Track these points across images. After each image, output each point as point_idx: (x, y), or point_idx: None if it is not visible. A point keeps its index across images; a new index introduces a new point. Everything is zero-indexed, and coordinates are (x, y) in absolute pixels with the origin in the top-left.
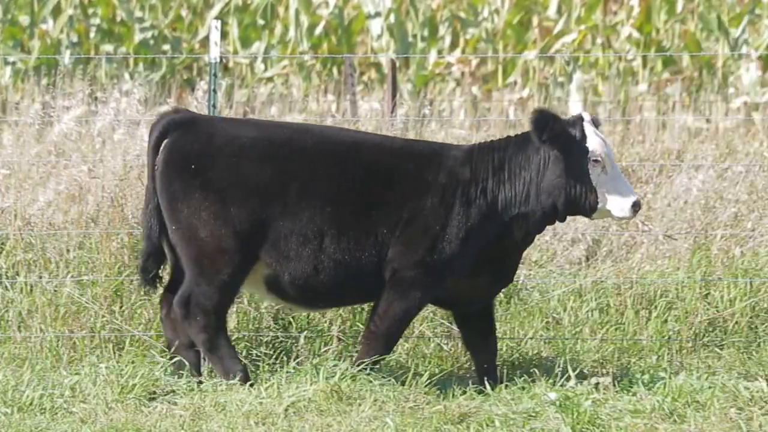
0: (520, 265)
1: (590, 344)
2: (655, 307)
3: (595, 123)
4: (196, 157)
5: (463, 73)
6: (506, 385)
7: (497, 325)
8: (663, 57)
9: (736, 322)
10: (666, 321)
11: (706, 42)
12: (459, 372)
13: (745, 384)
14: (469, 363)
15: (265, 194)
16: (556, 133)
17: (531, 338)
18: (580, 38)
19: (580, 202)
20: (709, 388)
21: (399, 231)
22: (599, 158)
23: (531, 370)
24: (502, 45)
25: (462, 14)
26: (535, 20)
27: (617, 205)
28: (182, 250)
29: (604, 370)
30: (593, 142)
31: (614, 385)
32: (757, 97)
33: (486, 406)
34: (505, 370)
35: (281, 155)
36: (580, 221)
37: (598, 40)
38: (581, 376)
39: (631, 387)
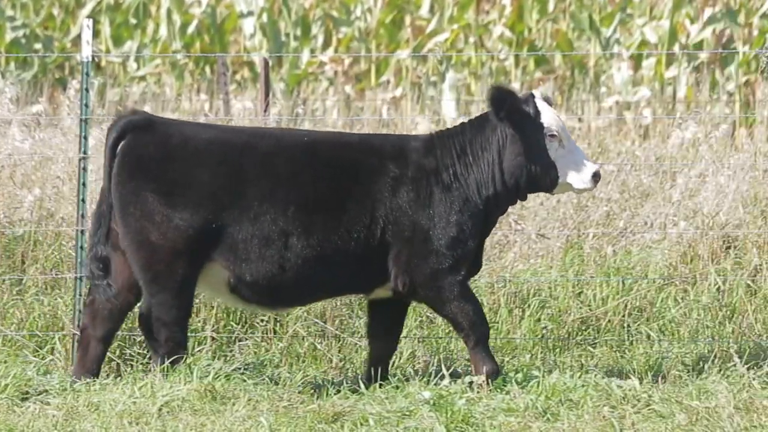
0: None
1: (462, 343)
2: (529, 306)
3: (548, 101)
4: (151, 160)
5: (336, 73)
6: (380, 384)
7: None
8: (535, 56)
9: (609, 321)
10: (539, 320)
11: (578, 41)
12: (333, 371)
13: (617, 382)
14: (343, 363)
15: (220, 198)
16: (512, 110)
17: (405, 337)
18: (452, 37)
19: (542, 178)
20: (582, 386)
21: (380, 233)
22: (555, 132)
23: (406, 370)
24: (375, 44)
25: (335, 13)
26: (407, 19)
27: (577, 177)
28: (133, 255)
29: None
30: (548, 117)
31: (488, 384)
32: (628, 96)
33: (360, 405)
34: (379, 369)
35: (238, 158)
36: None
37: (471, 40)
38: (455, 375)
39: (505, 385)
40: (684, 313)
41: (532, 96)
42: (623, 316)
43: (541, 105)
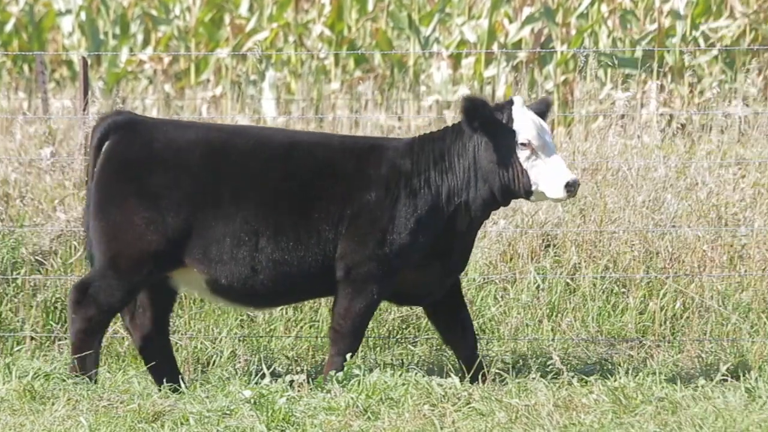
0: None
1: (285, 342)
2: None
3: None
4: (133, 161)
5: (155, 71)
6: (201, 383)
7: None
8: (355, 55)
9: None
10: None
11: (397, 41)
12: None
13: (438, 380)
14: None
15: (200, 199)
16: (484, 120)
17: (226, 336)
18: (272, 36)
19: (514, 185)
20: (403, 384)
21: (345, 227)
22: (526, 141)
23: (226, 369)
24: (195, 43)
25: (154, 12)
26: (227, 18)
27: (550, 186)
28: (100, 246)
29: (299, 368)
30: (521, 125)
31: (309, 383)
32: (448, 95)
33: (180, 405)
34: (199, 369)
35: (218, 159)
36: None
37: (291, 38)
38: (276, 374)
39: (326, 384)
40: (504, 311)
41: (510, 103)
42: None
43: (517, 113)
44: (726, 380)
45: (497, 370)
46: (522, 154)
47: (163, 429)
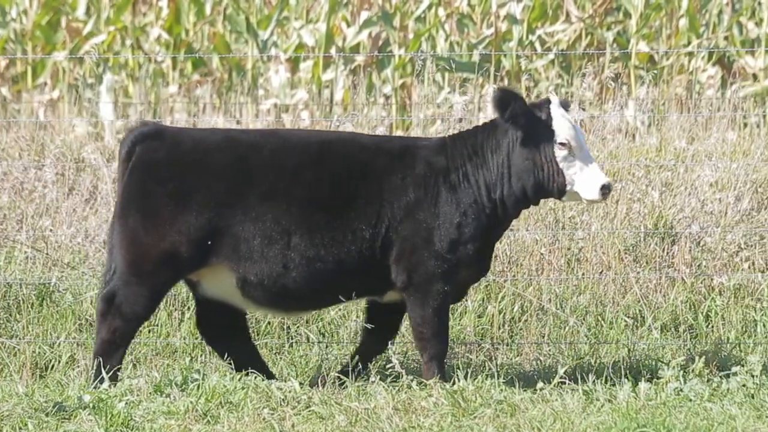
0: (56, 266)
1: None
2: (188, 309)
3: (564, 106)
4: (160, 165)
5: None
6: (39, 388)
7: None
8: (193, 59)
9: (269, 323)
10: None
11: (235, 44)
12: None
13: (277, 384)
14: (1, 366)
15: (229, 199)
16: (519, 113)
17: (65, 341)
18: (109, 39)
19: (548, 185)
20: (243, 388)
21: (387, 229)
22: (565, 141)
23: (66, 373)
24: (31, 46)
25: None
26: (64, 21)
27: (586, 187)
28: (122, 251)
29: (138, 372)
30: (559, 124)
31: (148, 387)
32: (286, 98)
33: (19, 410)
34: (38, 373)
35: (246, 161)
36: None
37: (128, 42)
38: (115, 378)
39: (166, 388)
40: (343, 315)
41: (548, 102)
42: (283, 318)
43: (556, 112)
44: (564, 383)
45: (337, 374)
46: (559, 154)
47: None
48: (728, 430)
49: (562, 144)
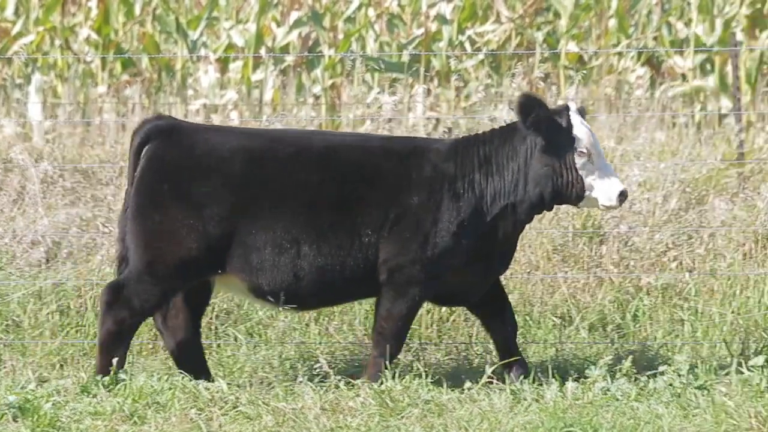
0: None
1: (51, 346)
2: None
3: (581, 113)
4: (175, 167)
5: None
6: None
7: None
8: (122, 59)
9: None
10: None
11: (165, 44)
12: None
13: (205, 384)
14: None
15: (241, 206)
16: (541, 119)
17: None
18: (38, 40)
19: (567, 191)
20: (170, 389)
21: (388, 230)
22: (585, 149)
23: None
24: None
25: None
26: None
27: (604, 194)
28: (138, 250)
29: (66, 373)
30: (580, 132)
31: (75, 387)
32: (216, 99)
33: None
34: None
35: (260, 165)
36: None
37: (57, 42)
38: (42, 379)
39: (93, 389)
40: (271, 315)
41: (567, 108)
42: (211, 318)
43: (575, 119)
44: (491, 382)
45: (264, 374)
46: (579, 161)
47: None
48: (654, 430)
49: (582, 151)
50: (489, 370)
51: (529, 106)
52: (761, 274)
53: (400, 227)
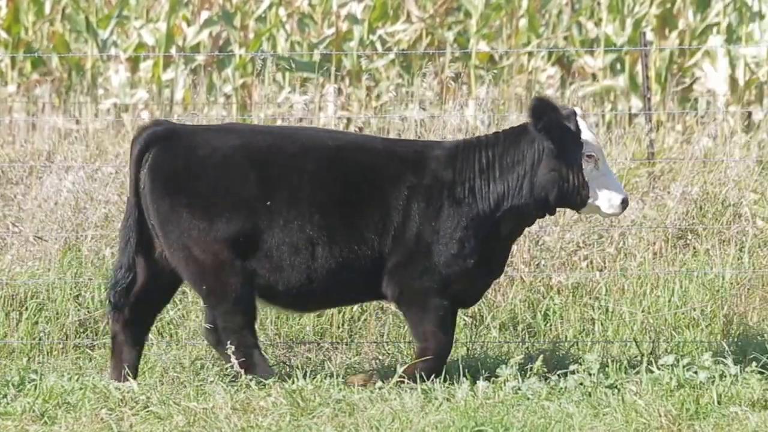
0: None
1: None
2: (26, 309)
3: (584, 118)
4: (180, 173)
5: None
6: None
7: None
8: (32, 58)
9: (107, 323)
10: (37, 322)
11: (75, 43)
12: None
13: (116, 384)
14: None
15: (251, 204)
16: (552, 123)
17: None
18: None
19: (573, 196)
20: (80, 389)
21: (391, 238)
22: (593, 153)
23: None
24: None
25: None
26: None
27: (607, 201)
28: (184, 272)
29: None
30: (588, 137)
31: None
32: (126, 98)
33: None
34: None
35: (264, 164)
36: None
37: None
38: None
39: (2, 389)
40: (182, 314)
41: (575, 113)
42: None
43: (582, 123)
44: (403, 382)
45: (176, 373)
46: (586, 167)
47: None
48: (565, 428)
49: (589, 156)
50: (400, 370)
51: (542, 109)
52: (671, 273)
53: (403, 238)
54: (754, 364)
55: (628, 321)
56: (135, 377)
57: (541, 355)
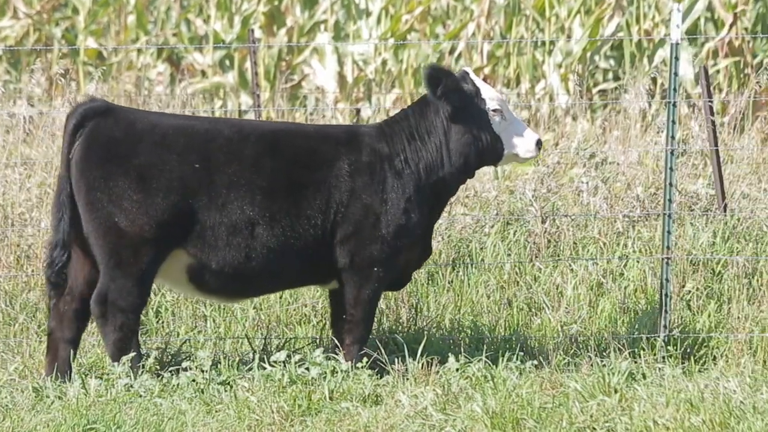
0: None
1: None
2: None
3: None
4: (118, 143)
5: None
6: None
7: None
8: None
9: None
10: None
11: None
12: None
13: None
14: None
15: (189, 184)
16: (450, 88)
17: None
18: None
19: (489, 152)
20: None
21: (335, 214)
22: (498, 106)
23: None
24: None
25: None
26: None
27: (523, 147)
28: (98, 241)
29: None
30: (488, 92)
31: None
32: None
33: None
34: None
35: (204, 144)
36: None
37: None
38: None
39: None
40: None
41: (467, 73)
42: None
43: (479, 81)
44: (14, 380)
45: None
46: (494, 121)
47: None
48: (178, 425)
49: (495, 111)
50: (11, 368)
51: (436, 77)
52: None
53: (351, 211)
54: (365, 360)
55: (240, 317)
56: (69, 376)
57: (154, 353)
